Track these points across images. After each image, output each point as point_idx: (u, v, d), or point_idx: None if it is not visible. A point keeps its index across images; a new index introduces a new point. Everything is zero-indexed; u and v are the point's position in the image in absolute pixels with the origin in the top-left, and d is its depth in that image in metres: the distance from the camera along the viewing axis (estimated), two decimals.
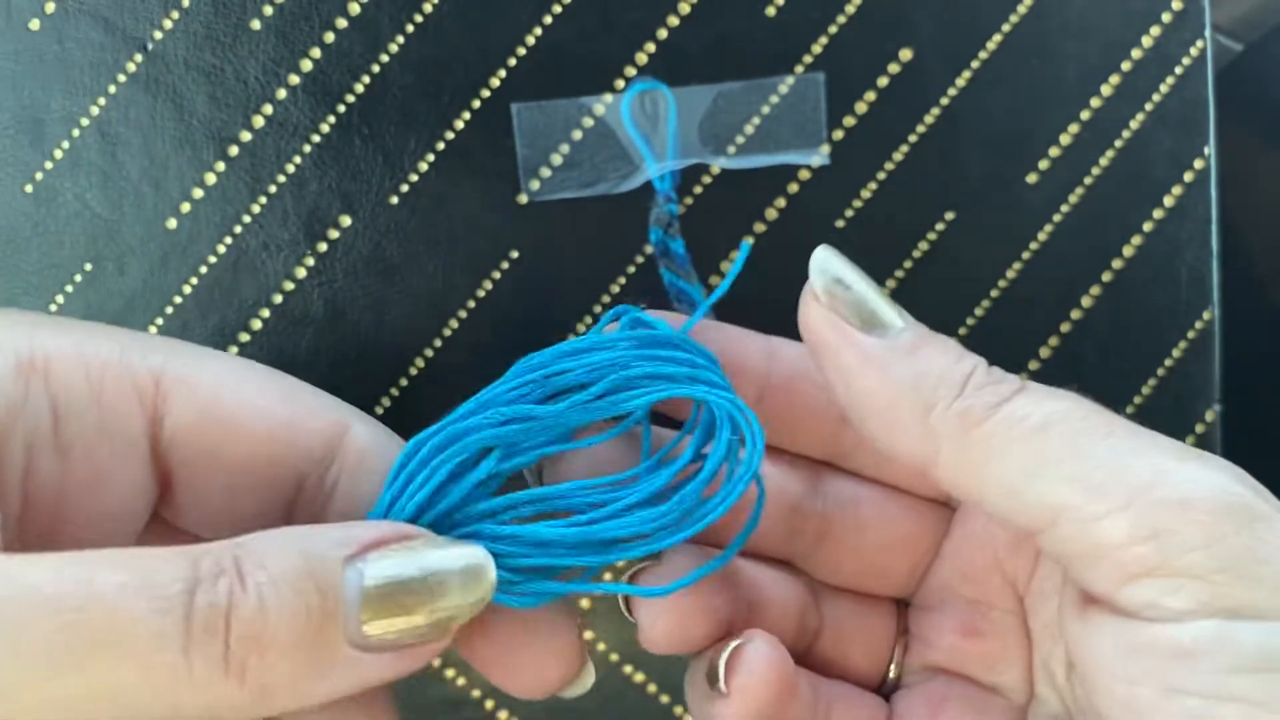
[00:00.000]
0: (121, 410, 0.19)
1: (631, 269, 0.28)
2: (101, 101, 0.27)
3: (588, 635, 0.29)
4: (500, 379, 0.21)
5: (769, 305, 0.29)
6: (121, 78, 0.27)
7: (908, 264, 0.28)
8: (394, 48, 0.28)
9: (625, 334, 0.21)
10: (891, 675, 0.24)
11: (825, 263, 0.21)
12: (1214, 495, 0.18)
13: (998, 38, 0.28)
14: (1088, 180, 0.29)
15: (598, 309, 0.28)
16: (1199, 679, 0.17)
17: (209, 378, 0.20)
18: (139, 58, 0.27)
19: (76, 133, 0.27)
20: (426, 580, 0.18)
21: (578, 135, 0.28)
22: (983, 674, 0.23)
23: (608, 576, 0.22)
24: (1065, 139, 0.28)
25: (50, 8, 0.27)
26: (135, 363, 0.19)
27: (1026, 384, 0.20)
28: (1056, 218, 0.29)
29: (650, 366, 0.21)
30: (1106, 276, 0.29)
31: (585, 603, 0.29)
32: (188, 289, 0.28)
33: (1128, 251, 0.29)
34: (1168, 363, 0.29)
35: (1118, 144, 0.29)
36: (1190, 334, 0.29)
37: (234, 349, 0.28)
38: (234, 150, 0.28)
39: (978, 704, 0.22)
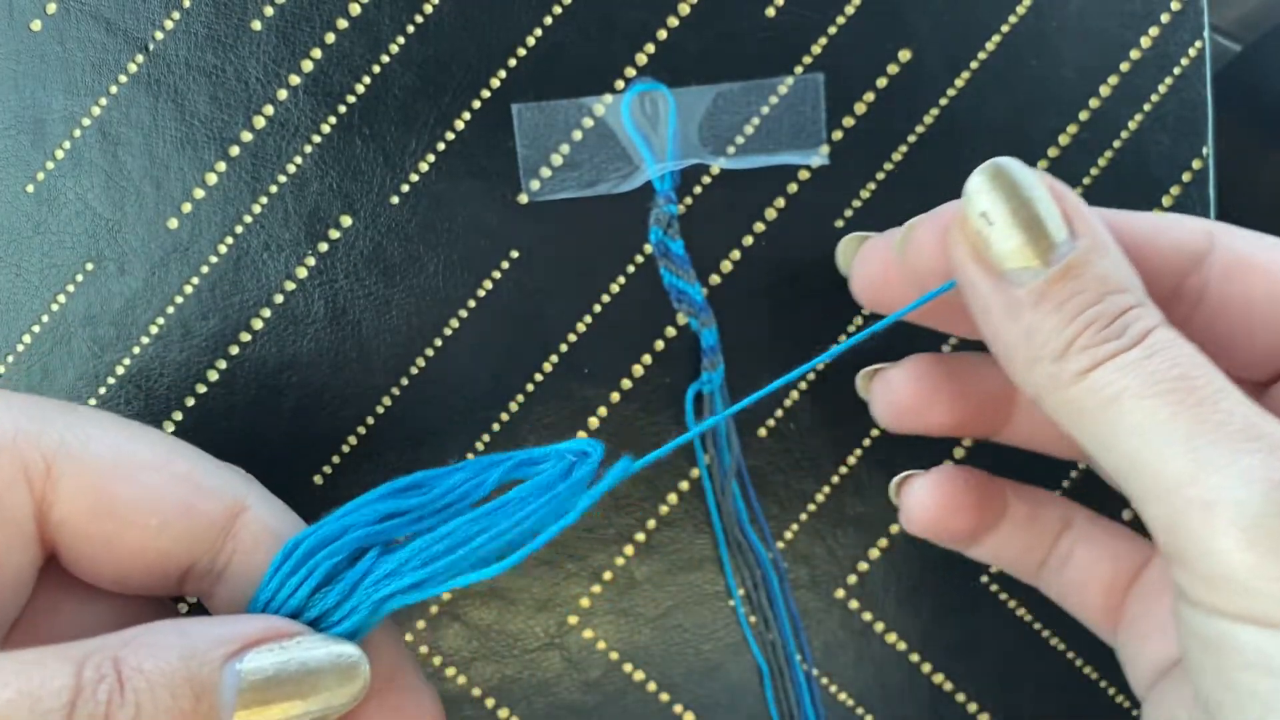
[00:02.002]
0: (8, 496, 0.19)
1: (631, 269, 0.28)
2: (103, 102, 0.27)
3: (587, 634, 0.29)
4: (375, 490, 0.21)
5: (769, 306, 0.29)
6: (123, 78, 0.27)
7: None
8: (395, 48, 0.28)
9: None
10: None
11: (975, 194, 0.21)
12: None
13: (997, 38, 0.28)
14: (1086, 181, 0.29)
15: (598, 309, 0.28)
16: None
17: (103, 461, 0.20)
18: (140, 58, 0.28)
19: (78, 133, 0.27)
20: (302, 678, 0.18)
21: (578, 135, 0.28)
22: None
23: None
24: (1064, 139, 0.29)
25: (52, 8, 0.27)
26: (26, 446, 0.19)
27: (1147, 335, 0.19)
28: None
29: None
30: None
31: (585, 602, 0.29)
32: (189, 289, 0.28)
33: None
34: None
35: (1116, 144, 0.29)
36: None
37: (235, 349, 0.28)
38: (235, 150, 0.28)
39: None
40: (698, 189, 0.28)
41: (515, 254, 0.28)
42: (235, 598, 0.21)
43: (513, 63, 0.28)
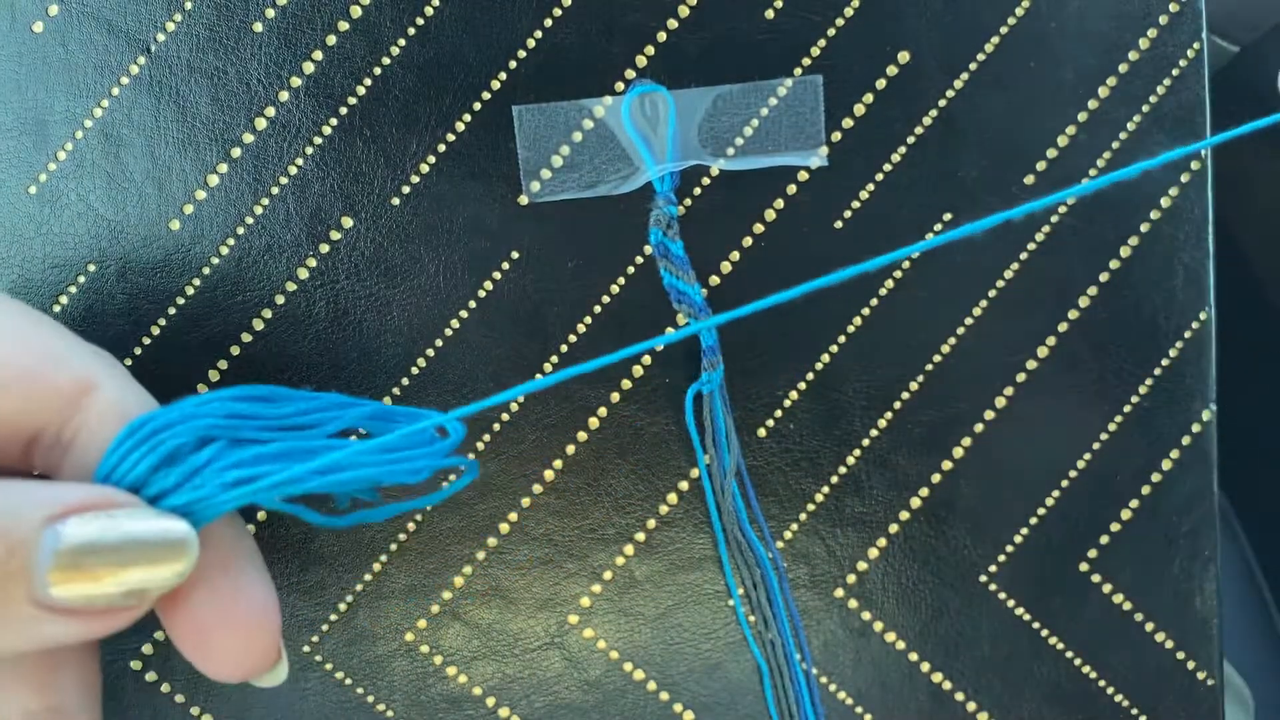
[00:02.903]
0: None
1: (631, 269, 0.28)
2: (105, 103, 0.28)
3: (587, 634, 0.29)
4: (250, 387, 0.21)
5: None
6: (125, 80, 0.28)
7: (905, 265, 0.29)
8: (395, 50, 0.28)
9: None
10: None
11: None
12: None
13: (995, 40, 0.28)
14: (1085, 182, 0.29)
15: (597, 309, 0.28)
16: None
17: None
18: (142, 60, 0.28)
19: (80, 134, 0.28)
20: (123, 549, 0.18)
21: (578, 137, 0.28)
22: None
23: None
24: (1063, 140, 0.29)
25: (54, 10, 0.27)
26: None
27: None
28: (1054, 219, 0.29)
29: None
30: (1103, 277, 0.29)
31: (585, 601, 0.29)
32: (190, 290, 0.28)
33: (1124, 252, 0.29)
34: (1164, 363, 0.29)
35: (1115, 145, 0.29)
36: (1186, 334, 0.29)
37: (236, 349, 0.28)
38: (237, 152, 0.28)
39: None
40: (698, 190, 0.28)
41: (515, 255, 0.28)
42: (80, 474, 0.20)
43: (513, 65, 0.28)
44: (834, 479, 0.29)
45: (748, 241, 0.29)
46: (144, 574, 0.18)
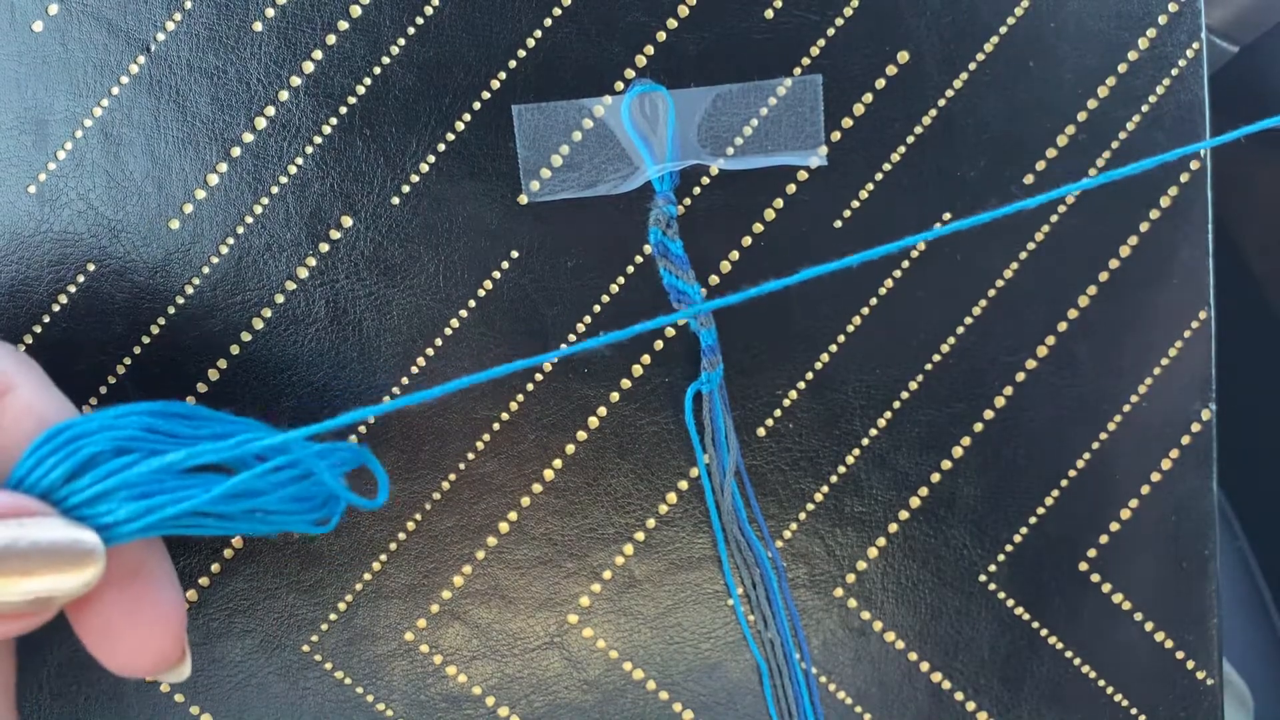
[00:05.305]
0: None
1: (631, 269, 0.28)
2: (105, 103, 0.28)
3: (586, 633, 0.29)
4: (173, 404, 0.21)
5: (768, 306, 0.29)
6: (125, 79, 0.28)
7: (905, 264, 0.29)
8: (395, 49, 0.28)
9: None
10: None
11: None
12: None
13: (995, 40, 0.28)
14: (1084, 180, 0.29)
15: (597, 309, 0.28)
16: None
17: None
18: (142, 59, 0.28)
19: (80, 134, 0.28)
20: (30, 556, 0.18)
21: (578, 137, 0.28)
22: None
23: None
24: (1062, 140, 0.29)
25: (53, 9, 0.27)
26: None
27: None
28: (1053, 219, 0.29)
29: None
30: (1103, 277, 0.29)
31: (585, 601, 0.29)
32: (190, 289, 0.28)
33: (1124, 252, 0.29)
34: (1163, 363, 0.29)
35: (1114, 146, 0.29)
36: (1186, 334, 0.29)
37: (236, 349, 0.28)
38: (237, 151, 0.28)
39: None
40: (697, 190, 0.28)
41: (515, 254, 0.28)
42: None
43: (513, 64, 0.28)
44: (833, 479, 0.29)
45: (747, 241, 0.29)
46: (51, 582, 0.18)
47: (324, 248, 0.28)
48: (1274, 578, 0.55)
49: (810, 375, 0.29)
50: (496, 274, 0.28)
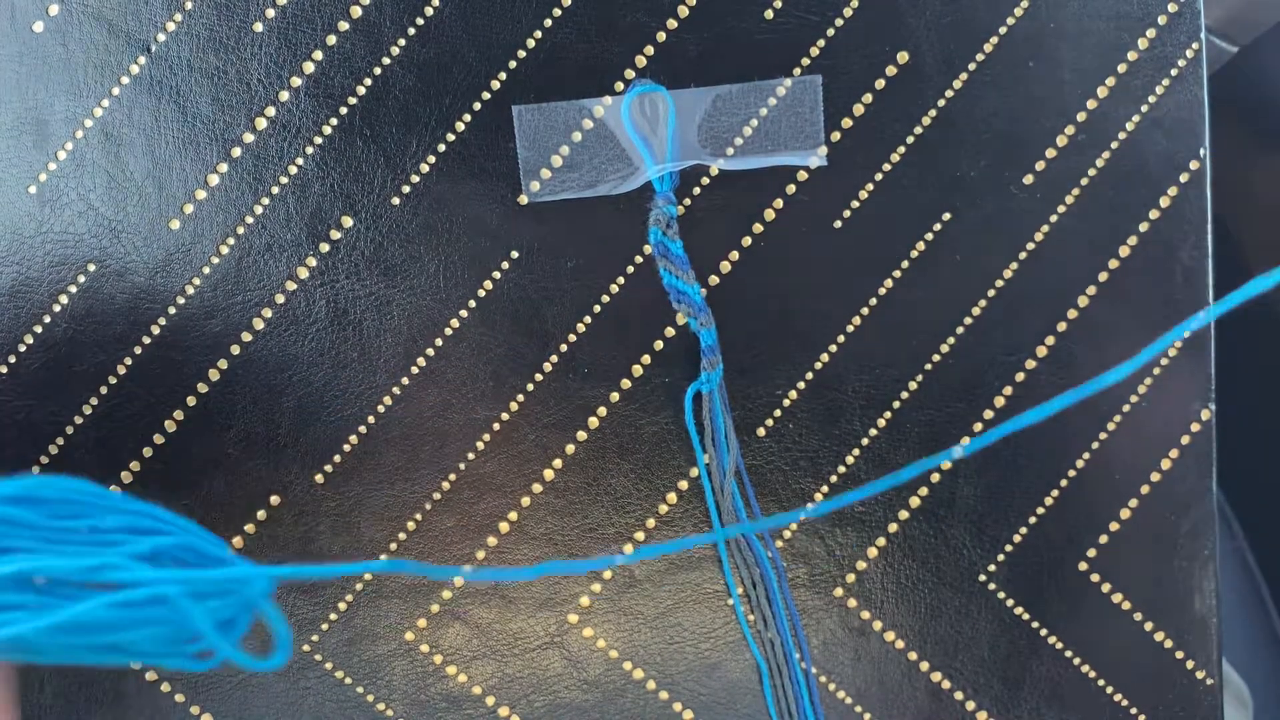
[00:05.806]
0: None
1: (631, 269, 0.28)
2: (105, 103, 0.28)
3: (587, 633, 0.29)
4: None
5: (768, 306, 0.29)
6: (125, 79, 0.28)
7: (905, 264, 0.29)
8: (395, 50, 0.28)
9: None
10: None
11: None
12: None
13: (994, 40, 0.28)
14: (1084, 181, 0.29)
15: (597, 309, 0.28)
16: None
17: None
18: (142, 59, 0.28)
19: (80, 134, 0.28)
20: None
21: (578, 137, 0.28)
22: None
23: None
24: (1061, 140, 0.29)
25: (54, 10, 0.27)
26: None
27: None
28: (1053, 219, 0.29)
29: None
30: (1102, 277, 0.29)
31: (585, 600, 0.29)
32: (190, 290, 0.28)
33: (1124, 252, 0.29)
34: (1163, 362, 0.29)
35: (1114, 145, 0.29)
36: (1185, 334, 0.29)
37: (236, 349, 0.28)
38: (237, 152, 0.28)
39: None
40: (697, 190, 0.28)
41: (515, 254, 0.28)
42: None
43: (513, 64, 0.28)
44: (833, 479, 0.29)
45: (747, 241, 0.29)
46: None
47: (324, 248, 0.28)
48: (1274, 578, 0.55)
49: (810, 375, 0.29)
50: (496, 274, 0.28)
